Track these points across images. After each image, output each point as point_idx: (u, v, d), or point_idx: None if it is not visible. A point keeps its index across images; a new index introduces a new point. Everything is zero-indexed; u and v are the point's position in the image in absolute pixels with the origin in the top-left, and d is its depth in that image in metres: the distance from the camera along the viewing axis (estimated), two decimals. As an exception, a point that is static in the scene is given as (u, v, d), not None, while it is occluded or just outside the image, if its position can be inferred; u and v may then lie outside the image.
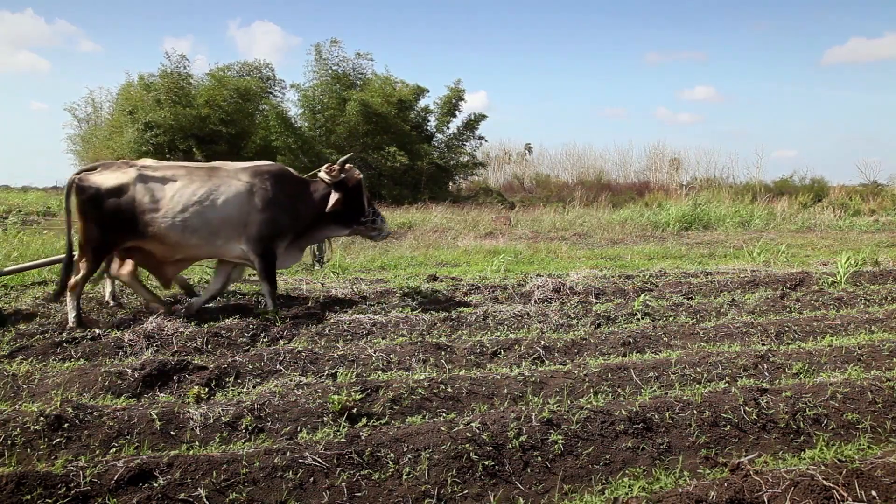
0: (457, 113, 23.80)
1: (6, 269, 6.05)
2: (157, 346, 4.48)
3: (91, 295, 6.15)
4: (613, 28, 69.30)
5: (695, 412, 3.30)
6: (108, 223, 5.06)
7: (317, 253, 8.44)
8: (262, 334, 4.78)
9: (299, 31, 66.23)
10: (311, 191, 5.68)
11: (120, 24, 71.07)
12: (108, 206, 5.05)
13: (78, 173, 5.16)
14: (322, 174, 5.68)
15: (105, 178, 5.11)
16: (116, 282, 5.91)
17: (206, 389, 3.65)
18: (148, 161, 5.43)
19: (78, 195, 5.09)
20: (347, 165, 5.74)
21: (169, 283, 5.78)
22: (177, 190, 5.16)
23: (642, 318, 5.48)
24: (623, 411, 3.24)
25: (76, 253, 5.24)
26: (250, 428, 3.16)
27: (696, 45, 67.61)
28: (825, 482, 2.55)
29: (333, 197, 5.56)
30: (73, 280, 5.12)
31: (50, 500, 2.46)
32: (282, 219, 5.41)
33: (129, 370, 3.80)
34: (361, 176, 5.83)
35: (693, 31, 66.33)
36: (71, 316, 5.04)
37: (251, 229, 5.29)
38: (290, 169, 5.79)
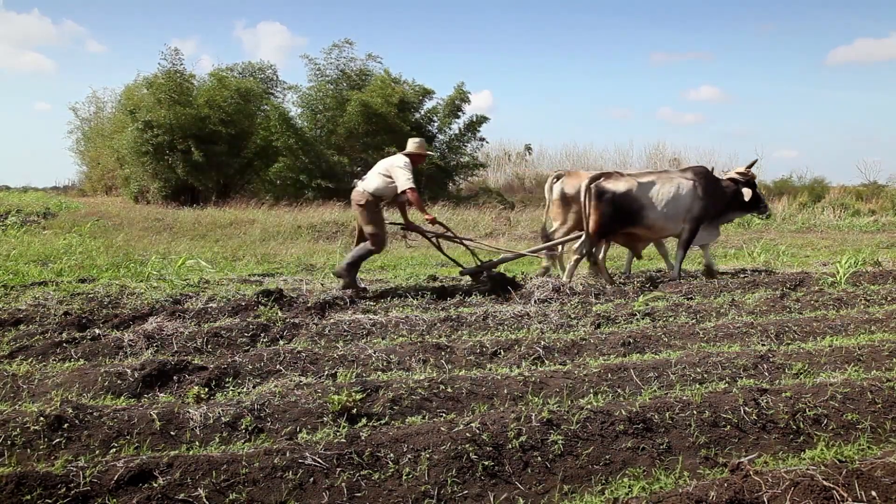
0: (460, 114, 23.78)
1: (501, 256, 7.69)
2: (157, 346, 4.48)
3: (91, 295, 6.15)
4: (619, 28, 69.20)
5: (695, 412, 3.30)
6: (618, 215, 7.08)
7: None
8: (262, 334, 4.78)
9: (305, 31, 66.12)
10: (723, 186, 7.69)
11: (126, 25, 71.11)
12: (622, 204, 7.08)
13: (591, 182, 7.09)
14: (735, 175, 7.81)
15: (617, 185, 7.12)
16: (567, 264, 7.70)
17: (206, 389, 3.65)
18: (624, 172, 7.55)
19: (598, 197, 7.05)
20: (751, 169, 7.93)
21: (640, 256, 8.21)
22: (658, 190, 7.23)
23: (642, 319, 5.48)
24: (623, 411, 3.23)
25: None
26: (250, 428, 3.16)
27: (701, 46, 67.54)
28: (825, 482, 2.55)
29: (747, 191, 7.63)
30: (575, 256, 7.23)
31: (50, 501, 2.46)
32: (711, 205, 7.45)
33: (129, 370, 3.79)
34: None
35: (698, 31, 66.23)
36: (566, 278, 7.11)
37: (692, 213, 7.35)
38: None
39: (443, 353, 4.33)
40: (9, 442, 2.90)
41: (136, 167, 21.04)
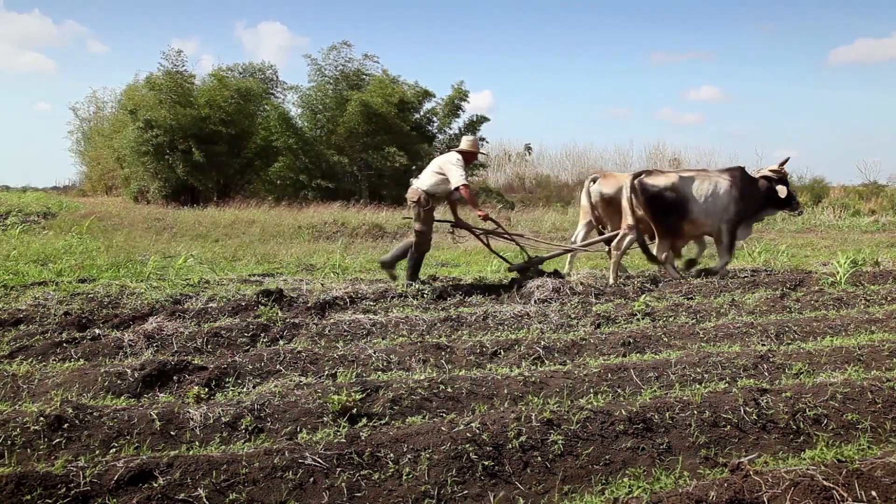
0: (460, 114, 23.80)
1: (550, 252, 7.94)
2: (157, 346, 4.48)
3: (91, 295, 6.15)
4: (619, 28, 69.27)
5: (695, 412, 3.30)
6: (666, 210, 7.37)
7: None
8: (262, 334, 4.78)
9: (306, 31, 66.20)
10: (759, 185, 7.81)
11: (127, 25, 71.23)
12: (666, 199, 7.35)
13: (634, 178, 7.36)
14: (768, 173, 7.85)
15: (659, 181, 7.40)
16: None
17: (206, 389, 3.65)
18: (662, 170, 7.85)
19: (642, 192, 7.32)
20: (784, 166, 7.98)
21: (679, 254, 8.09)
22: (698, 186, 7.46)
23: (642, 319, 5.48)
24: (623, 411, 3.23)
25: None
26: (250, 428, 3.16)
27: (701, 46, 67.59)
28: (825, 482, 2.55)
29: (782, 189, 7.68)
30: (619, 251, 7.33)
31: (50, 501, 2.46)
32: (747, 205, 7.64)
33: (129, 370, 3.80)
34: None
35: (698, 31, 66.29)
36: (611, 278, 7.28)
37: (729, 213, 7.54)
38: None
39: (443, 353, 4.33)
40: (9, 442, 2.90)
41: (137, 167, 21.07)
